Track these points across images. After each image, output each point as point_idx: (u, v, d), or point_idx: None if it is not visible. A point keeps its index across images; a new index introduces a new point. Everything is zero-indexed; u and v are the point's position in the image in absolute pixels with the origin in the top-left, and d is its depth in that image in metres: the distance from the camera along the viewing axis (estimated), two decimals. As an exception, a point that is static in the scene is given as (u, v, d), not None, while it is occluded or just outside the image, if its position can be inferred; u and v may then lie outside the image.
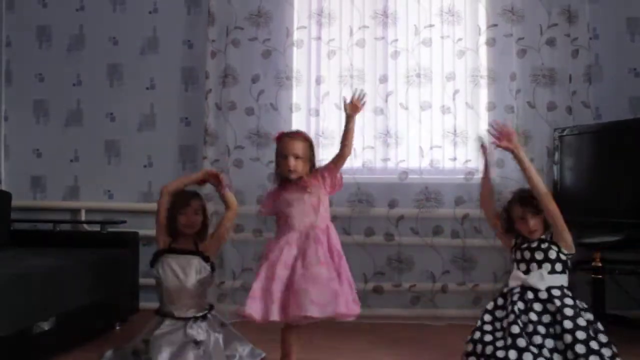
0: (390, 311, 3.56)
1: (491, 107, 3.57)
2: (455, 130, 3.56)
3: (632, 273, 3.15)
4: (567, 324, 2.34)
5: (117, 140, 3.85)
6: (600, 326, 2.41)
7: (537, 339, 2.33)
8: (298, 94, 3.68)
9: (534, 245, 2.54)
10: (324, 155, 3.60)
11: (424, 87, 3.59)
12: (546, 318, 2.41)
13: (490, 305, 2.57)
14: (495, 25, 3.57)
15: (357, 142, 3.57)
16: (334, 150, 3.56)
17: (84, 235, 3.67)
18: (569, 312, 2.38)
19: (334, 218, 3.55)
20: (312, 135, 3.62)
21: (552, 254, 2.51)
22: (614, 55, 3.64)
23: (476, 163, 3.61)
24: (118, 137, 3.85)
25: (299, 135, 2.58)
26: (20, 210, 3.68)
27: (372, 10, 3.63)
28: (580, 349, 2.28)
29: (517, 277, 2.54)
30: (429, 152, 3.59)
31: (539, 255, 2.52)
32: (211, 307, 2.70)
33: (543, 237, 2.56)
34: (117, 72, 3.86)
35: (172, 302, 2.59)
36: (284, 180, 2.54)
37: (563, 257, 2.52)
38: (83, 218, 3.80)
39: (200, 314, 2.60)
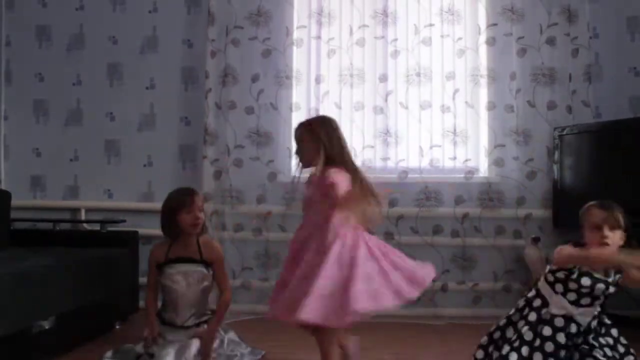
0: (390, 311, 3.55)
1: (491, 106, 3.57)
2: (455, 130, 3.56)
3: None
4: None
5: (117, 139, 3.84)
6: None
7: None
8: (298, 93, 3.68)
9: (599, 291, 2.13)
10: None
11: (424, 87, 3.59)
12: (583, 349, 2.14)
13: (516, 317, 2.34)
14: (495, 24, 3.57)
15: (357, 141, 3.60)
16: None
17: (83, 234, 3.67)
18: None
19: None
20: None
21: (611, 290, 2.16)
22: (614, 55, 3.64)
23: (476, 162, 3.61)
24: (118, 136, 3.85)
25: (299, 124, 2.40)
26: (20, 210, 3.68)
27: (372, 10, 3.63)
28: None
29: (562, 307, 2.17)
30: (428, 152, 3.59)
31: (598, 293, 2.13)
32: (213, 312, 2.68)
33: (612, 280, 2.14)
34: (117, 72, 3.86)
35: (175, 309, 2.59)
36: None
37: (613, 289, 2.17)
38: (83, 217, 3.80)
39: (203, 319, 2.61)
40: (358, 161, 3.54)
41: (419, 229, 3.57)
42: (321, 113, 3.60)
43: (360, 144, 3.59)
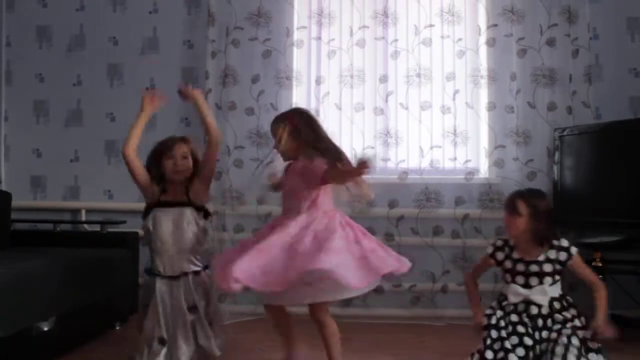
0: (390, 311, 3.56)
1: (491, 107, 3.57)
2: (455, 130, 3.56)
3: (632, 273, 3.15)
4: (559, 351, 2.24)
5: (117, 140, 3.84)
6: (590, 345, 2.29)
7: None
8: (298, 94, 3.68)
9: (536, 269, 2.39)
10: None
11: (424, 87, 3.59)
12: (545, 334, 2.32)
13: (493, 320, 2.45)
14: (496, 25, 3.57)
15: (357, 142, 3.60)
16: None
17: (84, 235, 3.67)
18: (563, 339, 2.26)
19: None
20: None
21: (548, 268, 2.38)
22: (614, 55, 3.64)
23: (476, 163, 3.61)
24: (118, 137, 3.84)
25: (275, 118, 2.53)
26: (21, 211, 3.68)
27: (372, 10, 3.63)
28: None
29: (517, 293, 2.42)
30: (429, 152, 3.59)
31: (534, 269, 2.39)
32: (206, 267, 2.54)
33: (543, 258, 2.38)
34: (117, 72, 3.86)
35: (163, 258, 2.46)
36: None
37: (558, 267, 2.39)
38: (83, 218, 3.80)
39: (194, 269, 2.48)
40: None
41: (419, 229, 3.57)
42: (321, 114, 3.61)
43: (361, 144, 3.59)
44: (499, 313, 2.45)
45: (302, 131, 2.39)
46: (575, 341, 2.24)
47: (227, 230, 3.63)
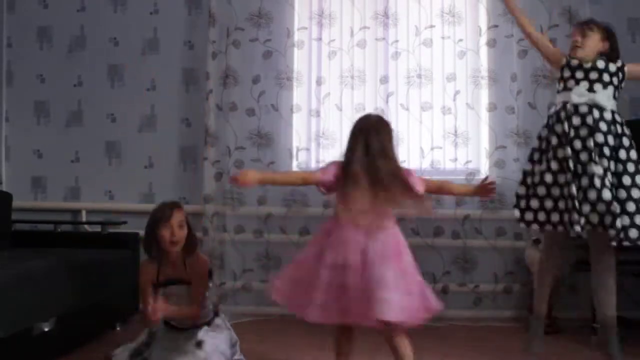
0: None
1: (492, 107, 3.57)
2: (456, 131, 3.56)
3: (632, 274, 3.14)
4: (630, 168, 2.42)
5: (117, 141, 3.85)
6: None
7: (604, 162, 2.40)
8: (299, 95, 3.68)
9: (602, 66, 2.58)
10: (324, 156, 3.62)
11: (425, 88, 3.59)
12: (610, 139, 2.44)
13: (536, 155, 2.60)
14: (496, 26, 3.57)
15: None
16: (334, 151, 3.61)
17: (84, 236, 3.67)
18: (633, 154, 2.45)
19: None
20: (312, 136, 3.64)
21: (616, 81, 2.58)
22: (615, 56, 3.63)
23: (477, 164, 3.61)
24: (119, 138, 3.85)
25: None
26: (21, 211, 3.68)
27: (372, 11, 3.64)
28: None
29: (582, 94, 2.53)
30: (429, 153, 3.59)
31: (606, 78, 2.56)
32: (216, 314, 2.59)
33: (605, 62, 2.59)
34: (117, 73, 3.86)
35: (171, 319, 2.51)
36: None
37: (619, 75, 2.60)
38: (84, 219, 3.81)
39: (206, 320, 2.54)
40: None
41: (420, 230, 3.56)
42: (322, 115, 3.62)
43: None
44: (556, 117, 2.54)
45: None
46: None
47: (228, 231, 3.63)
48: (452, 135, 3.57)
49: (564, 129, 2.49)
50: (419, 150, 3.59)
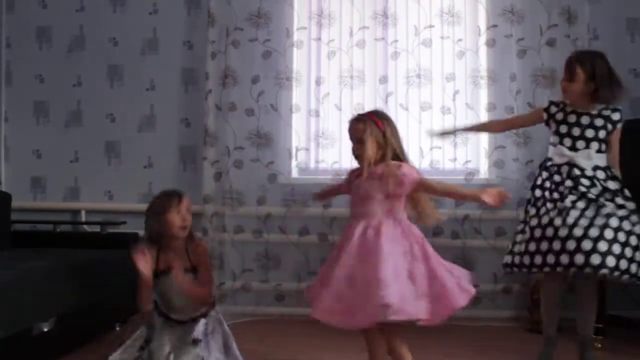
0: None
1: (491, 107, 3.57)
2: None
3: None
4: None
5: (117, 141, 3.84)
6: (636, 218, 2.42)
7: (581, 204, 2.40)
8: (298, 95, 3.68)
9: (586, 122, 2.52)
10: (323, 156, 3.62)
11: (424, 88, 3.59)
12: (593, 192, 2.43)
13: (539, 180, 2.59)
14: (495, 25, 3.57)
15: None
16: (334, 151, 3.62)
17: (84, 236, 3.67)
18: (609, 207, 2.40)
19: (333, 219, 3.58)
20: (311, 136, 3.64)
21: (602, 134, 2.52)
22: (614, 56, 3.58)
23: (476, 164, 3.61)
24: (118, 138, 3.85)
25: (360, 116, 2.29)
26: (21, 211, 3.68)
27: (372, 11, 3.64)
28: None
29: (562, 154, 2.53)
30: (429, 153, 3.59)
31: (589, 134, 2.52)
32: (212, 305, 2.54)
33: (596, 112, 2.53)
34: (117, 73, 3.86)
35: (168, 308, 2.48)
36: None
37: (610, 126, 2.56)
38: (83, 219, 3.80)
39: (198, 313, 2.47)
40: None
41: (419, 230, 3.55)
42: (321, 115, 3.62)
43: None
44: (544, 174, 2.55)
45: (388, 136, 2.23)
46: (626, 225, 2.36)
47: (227, 231, 3.63)
48: (451, 135, 3.57)
49: (547, 186, 2.54)
50: (419, 150, 3.58)
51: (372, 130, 2.20)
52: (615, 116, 2.56)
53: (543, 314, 2.70)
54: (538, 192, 2.56)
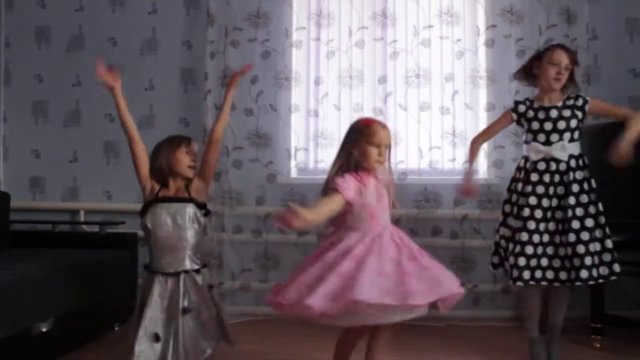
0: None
1: (490, 107, 3.57)
2: (454, 131, 3.57)
3: (633, 274, 3.14)
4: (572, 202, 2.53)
5: (116, 141, 3.84)
6: (600, 206, 2.56)
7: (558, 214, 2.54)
8: (297, 95, 3.68)
9: (555, 115, 2.57)
10: (322, 156, 3.62)
11: (423, 88, 3.59)
12: (560, 189, 2.54)
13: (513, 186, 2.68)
14: (494, 26, 3.57)
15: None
16: (333, 151, 3.60)
17: (82, 236, 3.67)
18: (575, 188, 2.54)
19: (332, 219, 3.57)
20: (310, 136, 3.64)
21: (574, 123, 2.58)
22: (613, 56, 3.64)
23: (475, 163, 3.60)
24: (117, 137, 3.83)
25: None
26: (19, 211, 3.67)
27: (371, 11, 3.63)
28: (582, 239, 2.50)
29: (538, 150, 2.58)
30: (428, 153, 3.59)
31: (561, 125, 2.57)
32: (204, 265, 2.51)
33: (561, 104, 2.59)
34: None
35: (164, 255, 2.41)
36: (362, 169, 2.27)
37: (578, 113, 2.59)
38: (82, 219, 3.80)
39: (195, 267, 2.44)
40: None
41: (418, 230, 3.56)
42: (320, 115, 3.62)
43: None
44: (520, 174, 2.64)
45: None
46: (589, 223, 2.51)
47: (226, 231, 3.63)
48: (450, 135, 3.57)
49: (521, 187, 2.62)
50: (417, 150, 3.59)
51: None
52: (579, 102, 2.62)
53: (527, 317, 2.75)
54: (522, 200, 2.60)
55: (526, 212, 2.55)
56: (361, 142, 2.24)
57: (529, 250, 2.52)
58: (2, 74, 3.91)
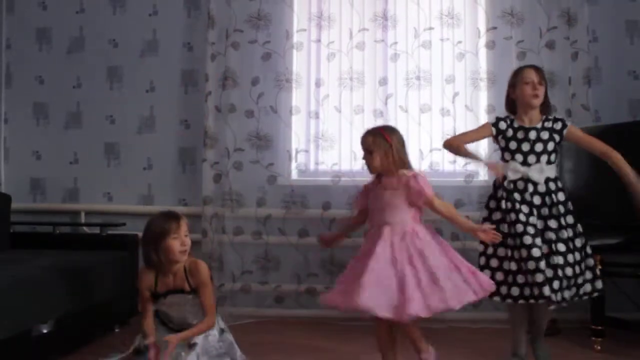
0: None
1: (491, 109, 3.57)
2: (454, 133, 3.55)
3: (632, 276, 3.15)
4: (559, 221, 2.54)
5: (116, 142, 3.85)
6: (579, 228, 2.58)
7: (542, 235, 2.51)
8: (298, 97, 3.68)
9: (534, 137, 2.56)
10: (323, 158, 3.62)
11: (424, 90, 3.59)
12: (544, 211, 2.53)
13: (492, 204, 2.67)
14: (495, 28, 3.58)
15: (356, 144, 3.57)
16: (334, 153, 3.62)
17: (83, 237, 3.67)
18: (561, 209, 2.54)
19: (332, 220, 3.58)
20: (311, 138, 3.64)
21: (551, 146, 2.58)
22: (613, 58, 3.64)
23: (475, 166, 3.61)
24: (118, 139, 3.85)
25: (370, 130, 2.58)
26: (20, 213, 3.68)
27: (371, 13, 3.64)
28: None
29: (516, 170, 2.57)
30: (428, 155, 3.59)
31: (538, 148, 2.56)
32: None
33: (540, 126, 2.59)
34: (117, 75, 3.86)
35: (169, 321, 2.50)
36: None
37: (556, 136, 2.59)
38: (82, 220, 3.80)
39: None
40: (358, 164, 3.56)
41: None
42: (321, 117, 3.62)
43: (360, 147, 3.58)
44: (501, 193, 2.60)
45: (394, 148, 2.48)
46: (578, 242, 2.52)
47: (227, 233, 3.63)
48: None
49: (505, 206, 2.58)
50: (418, 152, 3.58)
51: (380, 142, 2.46)
52: (558, 125, 2.61)
53: (513, 332, 2.74)
54: (502, 218, 2.61)
55: (519, 228, 2.51)
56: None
57: (514, 266, 2.55)
58: (3, 76, 3.92)
